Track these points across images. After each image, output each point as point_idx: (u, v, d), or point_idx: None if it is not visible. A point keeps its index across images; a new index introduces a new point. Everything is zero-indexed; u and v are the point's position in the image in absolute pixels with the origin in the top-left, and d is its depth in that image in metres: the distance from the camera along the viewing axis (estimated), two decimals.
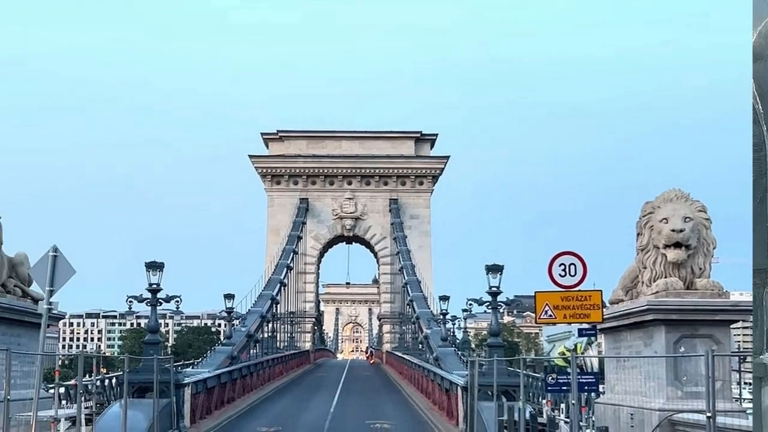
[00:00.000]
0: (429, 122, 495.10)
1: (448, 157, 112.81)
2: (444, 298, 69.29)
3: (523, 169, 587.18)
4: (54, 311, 23.71)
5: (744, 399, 28.13)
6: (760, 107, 8.67)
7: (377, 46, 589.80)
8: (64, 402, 32.00)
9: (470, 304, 51.30)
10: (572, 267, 20.74)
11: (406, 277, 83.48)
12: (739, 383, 30.97)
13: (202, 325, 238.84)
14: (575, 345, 35.80)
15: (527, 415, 24.21)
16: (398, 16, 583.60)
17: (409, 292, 78.88)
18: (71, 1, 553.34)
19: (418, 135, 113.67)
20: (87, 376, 31.83)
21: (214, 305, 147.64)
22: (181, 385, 36.01)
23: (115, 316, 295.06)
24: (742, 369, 29.06)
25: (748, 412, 25.84)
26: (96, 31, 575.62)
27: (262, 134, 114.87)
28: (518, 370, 30.56)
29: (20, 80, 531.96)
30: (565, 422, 25.96)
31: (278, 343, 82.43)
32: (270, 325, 74.13)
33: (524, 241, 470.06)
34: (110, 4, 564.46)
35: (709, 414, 15.23)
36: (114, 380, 39.01)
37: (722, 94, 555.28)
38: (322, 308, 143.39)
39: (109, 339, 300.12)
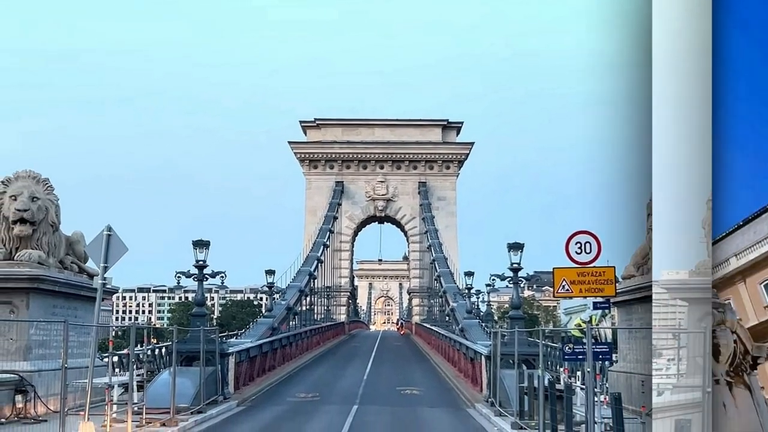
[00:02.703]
0: (455, 111, 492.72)
1: (472, 144, 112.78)
2: (469, 274, 68.92)
3: (543, 155, 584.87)
4: (108, 286, 23.92)
5: None
6: None
7: (408, 41, 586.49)
8: (117, 370, 32.31)
9: (493, 280, 50.81)
10: (587, 245, 20.66)
11: (434, 254, 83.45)
12: None
13: (245, 298, 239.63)
14: (590, 317, 35.86)
15: (546, 382, 24.13)
16: (427, 13, 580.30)
17: (437, 268, 78.87)
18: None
19: (445, 123, 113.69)
20: (139, 346, 32.13)
21: (257, 280, 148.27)
22: (226, 354, 36.10)
23: (164, 291, 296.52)
24: None
25: None
26: (144, 27, 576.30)
27: (301, 122, 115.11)
28: (537, 341, 30.56)
29: (76, 73, 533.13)
30: (581, 389, 25.91)
31: (315, 316, 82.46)
32: (308, 298, 74.17)
33: (543, 221, 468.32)
34: (157, 1, 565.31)
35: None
36: (163, 350, 39.38)
37: None
38: (356, 283, 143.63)
39: (158, 312, 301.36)
